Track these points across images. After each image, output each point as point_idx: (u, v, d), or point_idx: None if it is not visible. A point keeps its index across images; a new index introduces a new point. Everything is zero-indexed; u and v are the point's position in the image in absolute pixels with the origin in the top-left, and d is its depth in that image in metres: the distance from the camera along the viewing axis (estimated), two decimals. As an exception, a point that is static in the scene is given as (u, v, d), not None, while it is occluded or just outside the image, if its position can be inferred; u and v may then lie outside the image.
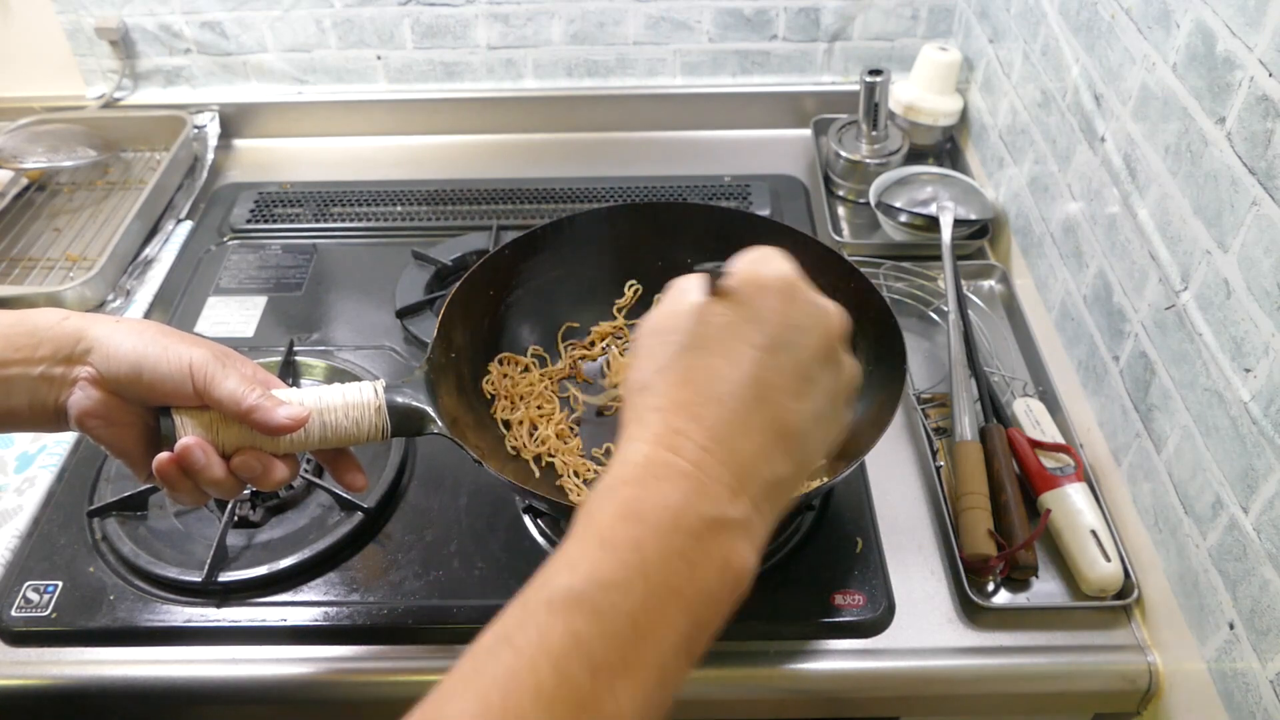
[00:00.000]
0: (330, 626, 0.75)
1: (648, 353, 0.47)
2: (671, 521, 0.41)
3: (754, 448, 0.44)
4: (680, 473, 0.42)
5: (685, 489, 0.42)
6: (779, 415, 0.45)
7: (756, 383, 0.45)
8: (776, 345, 0.46)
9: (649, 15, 1.25)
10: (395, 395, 0.66)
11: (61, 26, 1.25)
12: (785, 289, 0.47)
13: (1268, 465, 0.60)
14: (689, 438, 0.43)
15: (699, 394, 0.44)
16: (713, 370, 0.45)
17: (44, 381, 0.58)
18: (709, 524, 0.42)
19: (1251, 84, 0.62)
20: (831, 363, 0.48)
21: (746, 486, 0.43)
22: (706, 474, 0.42)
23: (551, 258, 0.87)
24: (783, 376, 0.46)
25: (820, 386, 0.47)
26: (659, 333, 0.47)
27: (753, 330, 0.46)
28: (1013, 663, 0.74)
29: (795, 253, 0.86)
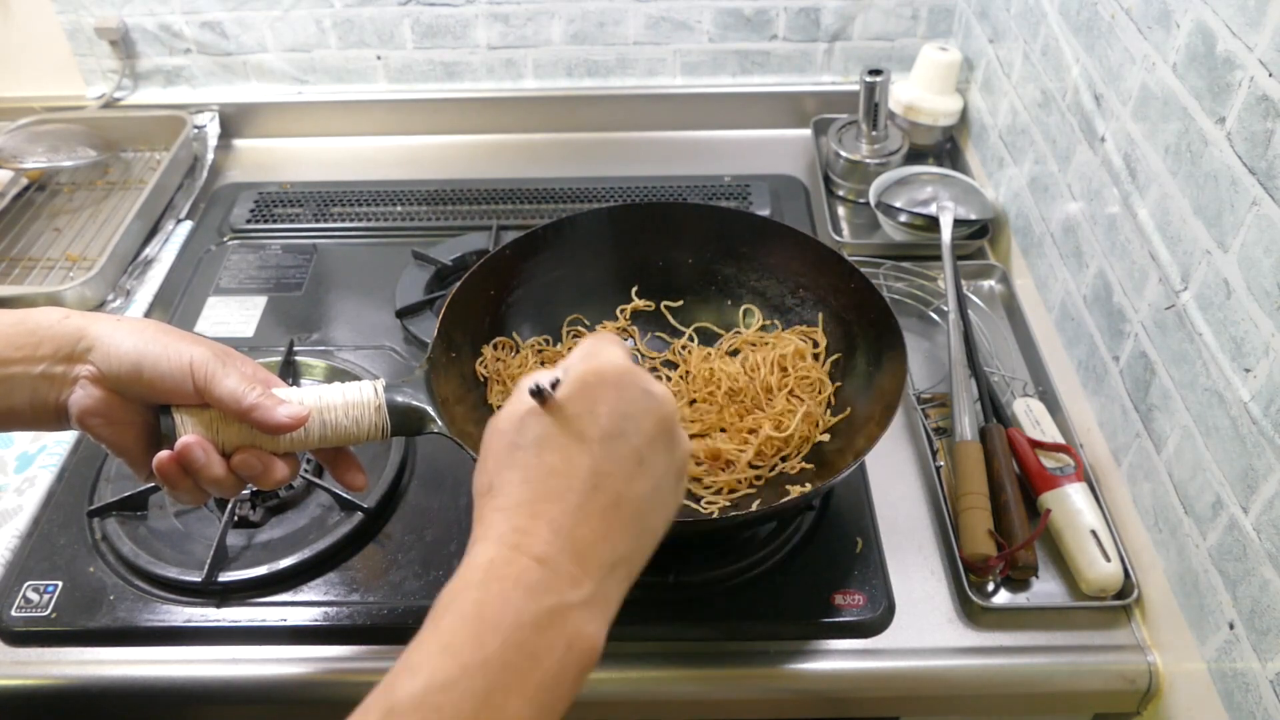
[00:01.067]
0: (330, 626, 0.75)
1: (492, 454, 0.50)
2: (513, 619, 0.44)
3: (592, 533, 0.47)
4: (521, 569, 0.45)
5: (526, 585, 0.45)
6: (615, 500, 0.48)
7: (592, 473, 0.48)
8: (609, 435, 0.49)
9: (649, 15, 1.25)
10: (395, 394, 0.66)
11: (61, 26, 1.25)
12: (616, 380, 0.50)
13: (1268, 465, 0.60)
14: (529, 534, 0.46)
15: (537, 491, 0.48)
16: (549, 467, 0.48)
17: (45, 380, 0.58)
18: (551, 614, 0.44)
19: (1251, 84, 0.62)
20: (664, 443, 0.51)
21: (588, 569, 0.46)
22: (547, 567, 0.45)
23: (552, 258, 0.87)
24: (617, 464, 0.49)
25: (654, 467, 0.50)
26: (502, 434, 0.50)
27: (586, 424, 0.49)
28: (1013, 663, 0.74)
29: (795, 253, 0.87)
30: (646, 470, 0.50)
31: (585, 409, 0.49)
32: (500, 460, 0.49)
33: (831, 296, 0.85)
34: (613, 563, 0.48)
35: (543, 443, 0.48)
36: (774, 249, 0.88)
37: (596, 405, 0.49)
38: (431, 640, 0.44)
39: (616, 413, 0.49)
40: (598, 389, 0.50)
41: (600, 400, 0.49)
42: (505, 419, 0.50)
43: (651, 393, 0.51)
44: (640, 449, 0.50)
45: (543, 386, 0.49)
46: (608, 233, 0.88)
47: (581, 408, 0.49)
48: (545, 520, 0.47)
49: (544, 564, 0.45)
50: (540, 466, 0.48)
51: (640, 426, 0.50)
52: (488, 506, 0.48)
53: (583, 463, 0.48)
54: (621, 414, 0.49)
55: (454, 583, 0.46)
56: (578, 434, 0.48)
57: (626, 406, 0.50)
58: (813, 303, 0.87)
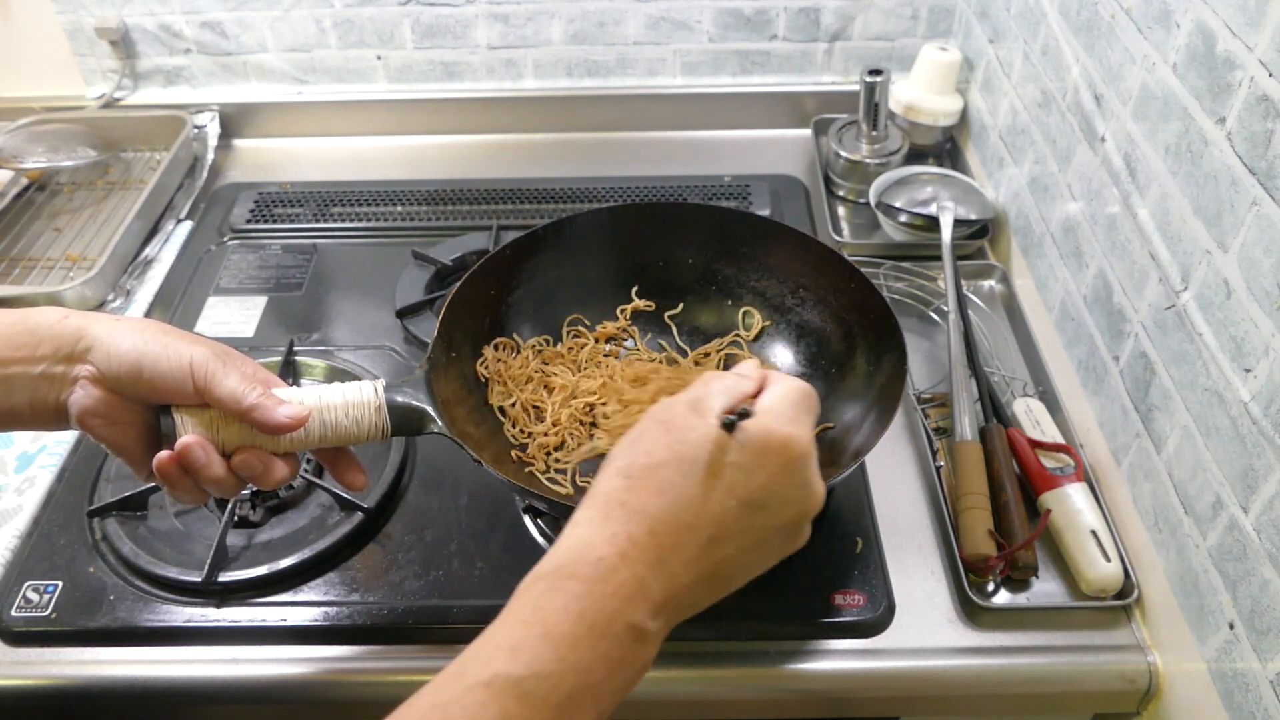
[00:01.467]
0: (330, 626, 0.75)
1: (647, 440, 0.52)
2: (605, 626, 0.46)
3: (688, 579, 0.49)
4: (624, 582, 0.47)
5: (625, 598, 0.47)
6: (721, 561, 0.50)
7: (718, 526, 0.50)
8: (754, 504, 0.50)
9: (649, 15, 1.25)
10: (395, 394, 0.66)
11: (61, 26, 1.25)
12: (790, 458, 0.51)
13: (1268, 465, 0.60)
14: (642, 549, 0.48)
15: (665, 512, 0.49)
16: (687, 496, 0.49)
17: (44, 380, 0.58)
18: (633, 632, 0.47)
19: (1252, 84, 0.62)
20: (792, 534, 0.53)
21: (669, 608, 0.49)
22: (642, 588, 0.48)
23: (552, 258, 0.87)
24: (743, 532, 0.50)
25: (768, 548, 0.52)
26: (667, 428, 0.51)
27: (742, 480, 0.50)
28: (1013, 663, 0.74)
29: (795, 253, 0.87)
30: (761, 549, 0.52)
31: (750, 465, 0.50)
32: (651, 452, 0.51)
33: (832, 296, 0.85)
34: (687, 608, 0.50)
35: (695, 469, 0.50)
36: (774, 249, 0.88)
37: (758, 469, 0.50)
38: (533, 622, 0.46)
39: (772, 487, 0.51)
40: (771, 455, 0.51)
41: (765, 467, 0.51)
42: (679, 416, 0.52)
43: (810, 486, 0.52)
44: (768, 528, 0.51)
45: (735, 420, 0.50)
46: (608, 233, 0.88)
47: (748, 462, 0.50)
48: (659, 544, 0.48)
49: (641, 585, 0.47)
50: (680, 489, 0.49)
51: (783, 511, 0.51)
52: (615, 490, 0.50)
53: (715, 514, 0.49)
54: (774, 491, 0.51)
55: (559, 560, 0.48)
56: (728, 484, 0.50)
57: (782, 488, 0.51)
58: (813, 302, 0.87)
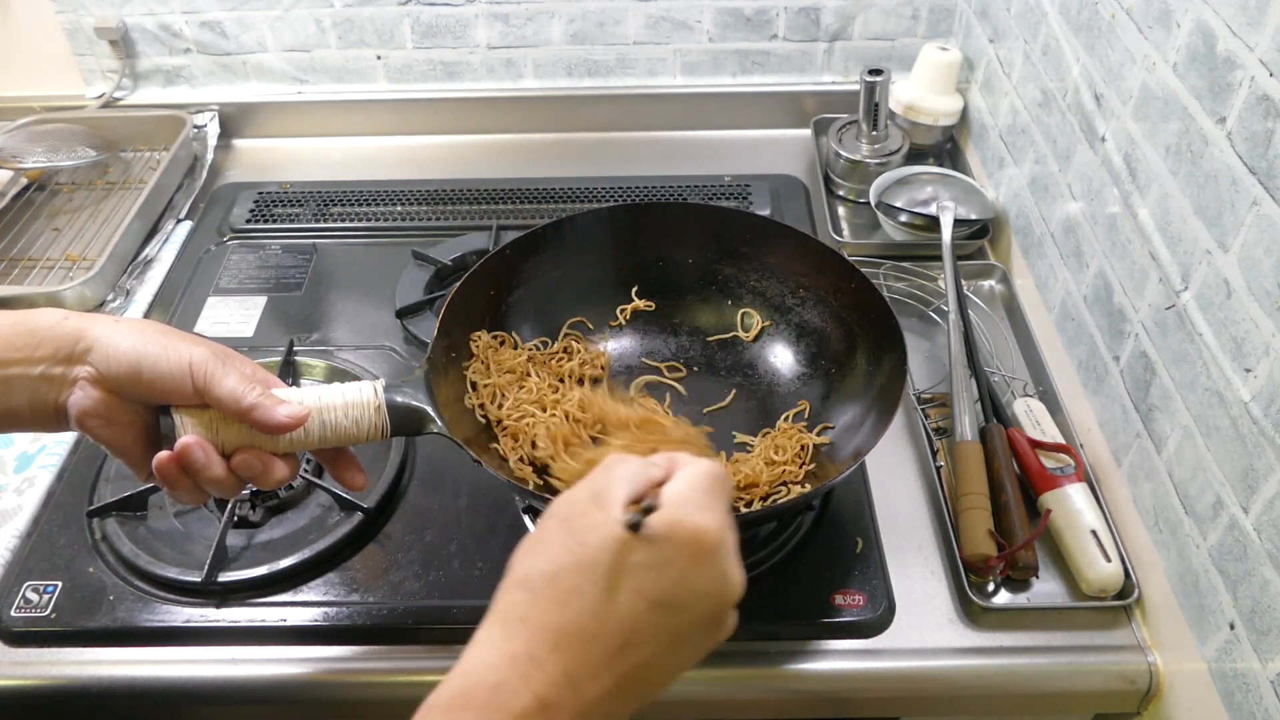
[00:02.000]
0: (330, 626, 0.75)
1: (547, 542, 0.48)
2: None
3: (601, 691, 0.45)
4: (522, 708, 0.44)
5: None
6: (636, 667, 0.46)
7: (629, 631, 0.46)
8: (666, 604, 0.47)
9: (649, 15, 1.25)
10: (395, 395, 0.66)
11: (61, 26, 1.25)
12: (701, 550, 0.47)
13: (1268, 465, 0.60)
14: (544, 669, 0.45)
15: (570, 624, 0.45)
16: (591, 605, 0.46)
17: (44, 381, 0.58)
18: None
19: (1252, 84, 0.62)
20: (714, 626, 0.49)
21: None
22: (545, 713, 0.44)
23: (552, 258, 0.87)
24: (658, 634, 0.47)
25: (690, 645, 0.48)
26: (569, 529, 0.48)
27: (650, 580, 0.46)
28: (1013, 663, 0.74)
29: (796, 252, 0.87)
30: (681, 648, 0.48)
31: (659, 562, 0.47)
32: (551, 557, 0.47)
33: (832, 296, 0.85)
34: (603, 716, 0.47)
35: (597, 573, 0.46)
36: (774, 249, 0.88)
37: (668, 567, 0.47)
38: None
39: (684, 584, 0.47)
40: (681, 550, 0.47)
41: (675, 563, 0.47)
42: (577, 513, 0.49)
43: (728, 577, 0.49)
44: (684, 627, 0.48)
45: (636, 520, 0.46)
46: (608, 233, 0.89)
47: (656, 559, 0.47)
48: (563, 661, 0.45)
49: (544, 709, 0.44)
50: (584, 598, 0.46)
51: (699, 606, 0.48)
52: (514, 608, 0.47)
53: (624, 619, 0.46)
54: (688, 587, 0.47)
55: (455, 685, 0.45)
56: (635, 588, 0.46)
57: (698, 582, 0.48)
58: (813, 302, 0.87)
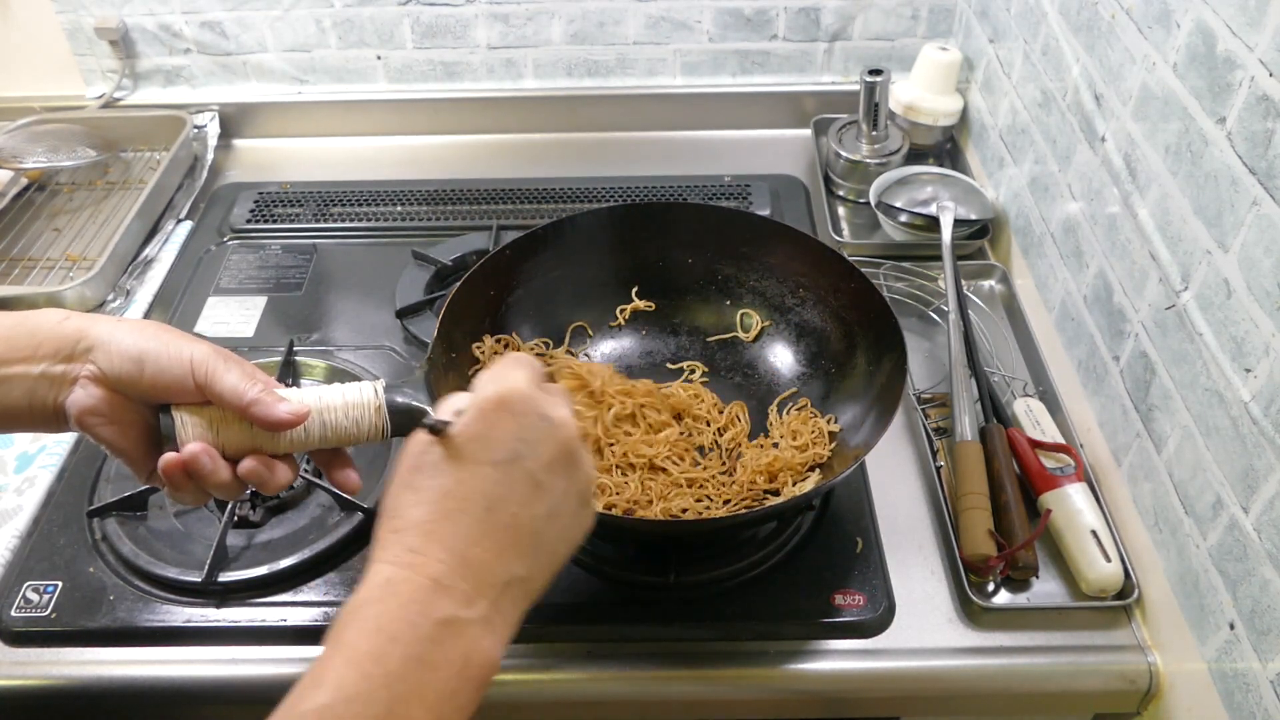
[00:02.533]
0: (330, 627, 0.75)
1: (395, 479, 0.52)
2: (410, 631, 0.46)
3: (486, 554, 0.49)
4: (416, 586, 0.47)
5: (421, 600, 0.47)
6: (510, 522, 0.50)
7: (485, 496, 0.50)
8: (506, 460, 0.51)
9: (649, 15, 1.25)
10: (395, 395, 0.66)
11: (61, 26, 1.25)
12: (514, 406, 0.52)
13: (1268, 465, 0.60)
14: (424, 554, 0.48)
15: (431, 513, 0.49)
16: (443, 490, 0.50)
17: (44, 381, 0.58)
18: (446, 627, 0.46)
19: (1252, 84, 0.62)
20: (564, 466, 0.53)
21: (482, 590, 0.48)
22: (440, 584, 0.47)
23: (552, 258, 0.87)
24: (512, 488, 0.51)
25: (553, 490, 0.52)
26: (404, 459, 0.52)
27: (481, 449, 0.51)
28: (1013, 663, 0.74)
29: (795, 252, 0.87)
30: (543, 493, 0.51)
31: (482, 434, 0.51)
32: (400, 484, 0.51)
33: (831, 296, 0.85)
34: (507, 581, 0.49)
35: (438, 468, 0.50)
36: (774, 249, 0.88)
37: (493, 430, 0.51)
38: (334, 654, 0.46)
39: (513, 438, 0.51)
40: (496, 414, 0.51)
41: (497, 425, 0.51)
42: (409, 447, 0.52)
43: (550, 418, 0.53)
44: (535, 473, 0.51)
45: (435, 423, 0.51)
46: (608, 232, 0.89)
47: (478, 432, 0.51)
48: (438, 541, 0.48)
49: (437, 582, 0.47)
50: (435, 490, 0.50)
51: (537, 451, 0.51)
52: (385, 529, 0.50)
53: (476, 486, 0.50)
54: (518, 439, 0.51)
55: (353, 599, 0.48)
56: (472, 458, 0.50)
57: (524, 432, 0.51)
58: (813, 302, 0.87)
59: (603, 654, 0.74)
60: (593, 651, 0.74)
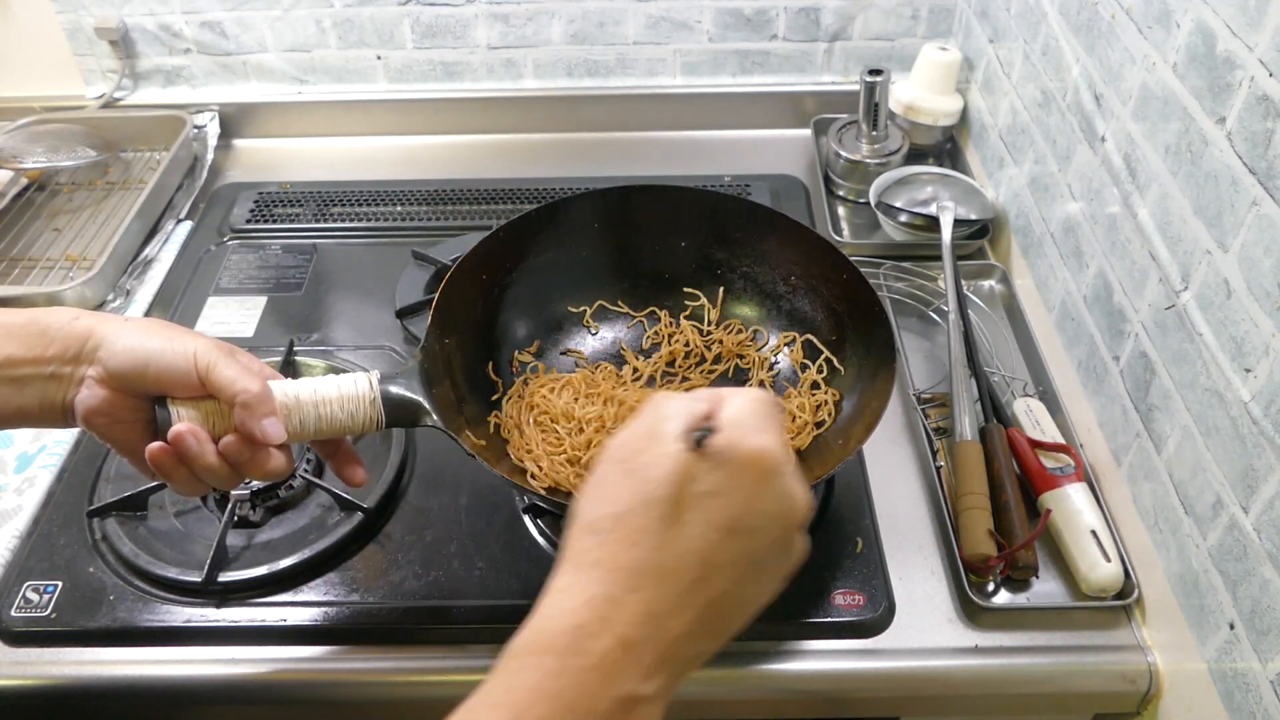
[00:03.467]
0: (330, 626, 0.75)
1: (609, 485, 0.46)
2: (588, 704, 0.42)
3: (683, 628, 0.44)
4: (604, 650, 0.43)
5: (605, 671, 0.42)
6: (716, 600, 0.45)
7: (704, 563, 0.45)
8: (737, 529, 0.45)
9: (649, 15, 1.25)
10: (390, 386, 0.66)
11: (61, 26, 1.25)
12: (764, 470, 0.46)
13: (1268, 465, 0.60)
14: (622, 608, 0.43)
15: (644, 562, 0.44)
16: (661, 540, 0.44)
17: (54, 380, 0.59)
18: (624, 704, 0.42)
19: (1252, 84, 0.62)
20: (784, 550, 0.48)
21: (666, 664, 0.44)
22: (631, 651, 0.43)
23: (544, 241, 0.86)
24: (733, 561, 0.45)
25: (766, 573, 0.47)
26: (627, 469, 0.46)
27: (717, 506, 0.45)
28: (1013, 663, 0.74)
29: (788, 240, 0.86)
30: (756, 575, 0.47)
31: (724, 488, 0.45)
32: (616, 500, 0.45)
33: (823, 286, 0.85)
34: (690, 658, 0.46)
35: (665, 507, 0.44)
36: (767, 236, 0.87)
37: (735, 491, 0.45)
38: (503, 705, 0.42)
39: (754, 509, 0.46)
40: (745, 472, 0.46)
41: (741, 486, 0.45)
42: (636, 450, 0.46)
43: (793, 496, 0.47)
44: (759, 552, 0.46)
45: (701, 436, 0.45)
46: (600, 216, 0.88)
47: (721, 485, 0.45)
48: (642, 599, 0.44)
49: (628, 649, 0.43)
50: (655, 534, 0.44)
51: (770, 528, 0.46)
52: (587, 550, 0.45)
53: (698, 547, 0.45)
54: (757, 509, 0.46)
55: (535, 633, 0.44)
56: (705, 515, 0.45)
57: (765, 504, 0.46)
58: (804, 291, 0.86)
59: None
60: (593, 651, 0.74)
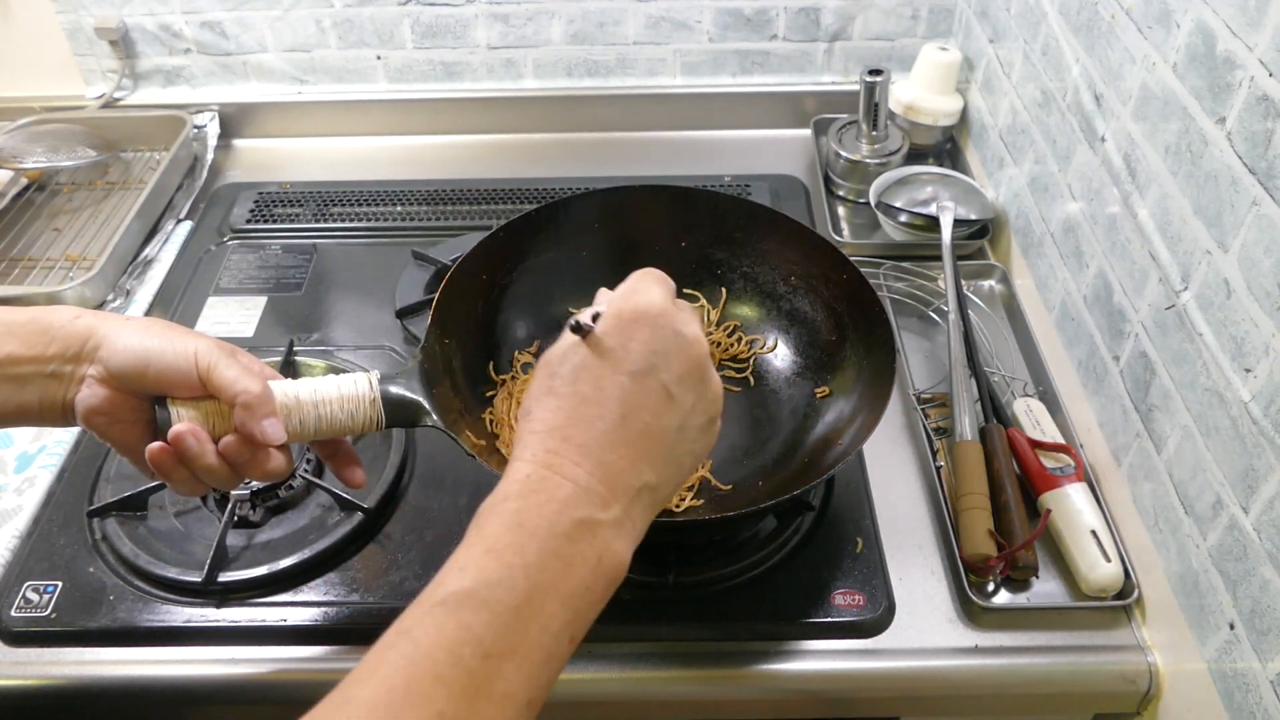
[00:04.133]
0: (330, 626, 0.75)
1: (535, 383, 0.54)
2: (548, 527, 0.47)
3: (621, 460, 0.51)
4: (555, 485, 0.49)
5: (560, 498, 0.48)
6: (643, 430, 0.52)
7: (621, 404, 0.52)
8: (641, 371, 0.52)
9: (649, 15, 1.25)
10: (390, 386, 0.66)
11: (61, 26, 1.25)
12: (651, 319, 0.54)
13: (1268, 465, 0.60)
14: (563, 455, 0.50)
15: (569, 417, 0.51)
16: (581, 396, 0.52)
17: (54, 379, 0.59)
18: (582, 526, 0.48)
19: (1252, 84, 0.62)
20: (694, 381, 0.54)
21: (617, 493, 0.50)
22: (579, 485, 0.49)
23: (545, 241, 0.86)
24: (646, 396, 0.52)
25: (683, 403, 0.54)
26: (544, 365, 0.54)
27: (619, 358, 0.52)
28: (1013, 663, 0.74)
29: (788, 240, 0.87)
30: (675, 406, 0.53)
31: (619, 343, 0.52)
32: (540, 388, 0.53)
33: (823, 285, 0.85)
34: (638, 488, 0.51)
35: (578, 373, 0.52)
36: (767, 235, 0.87)
37: (630, 340, 0.53)
38: (476, 543, 0.47)
39: (649, 349, 0.53)
40: (633, 325, 0.53)
41: (634, 336, 0.53)
42: (551, 352, 0.54)
43: (683, 334, 0.54)
44: (669, 385, 0.53)
45: (582, 322, 0.52)
46: (600, 216, 0.87)
47: (616, 341, 0.53)
48: (576, 444, 0.50)
49: (575, 483, 0.49)
50: (574, 395, 0.52)
51: (670, 364, 0.53)
52: (525, 429, 0.52)
53: (613, 393, 0.52)
54: (653, 350, 0.53)
55: (493, 496, 0.50)
56: (611, 366, 0.52)
57: (659, 344, 0.53)
58: (804, 290, 0.86)
59: (603, 654, 0.74)
60: (593, 651, 0.74)
